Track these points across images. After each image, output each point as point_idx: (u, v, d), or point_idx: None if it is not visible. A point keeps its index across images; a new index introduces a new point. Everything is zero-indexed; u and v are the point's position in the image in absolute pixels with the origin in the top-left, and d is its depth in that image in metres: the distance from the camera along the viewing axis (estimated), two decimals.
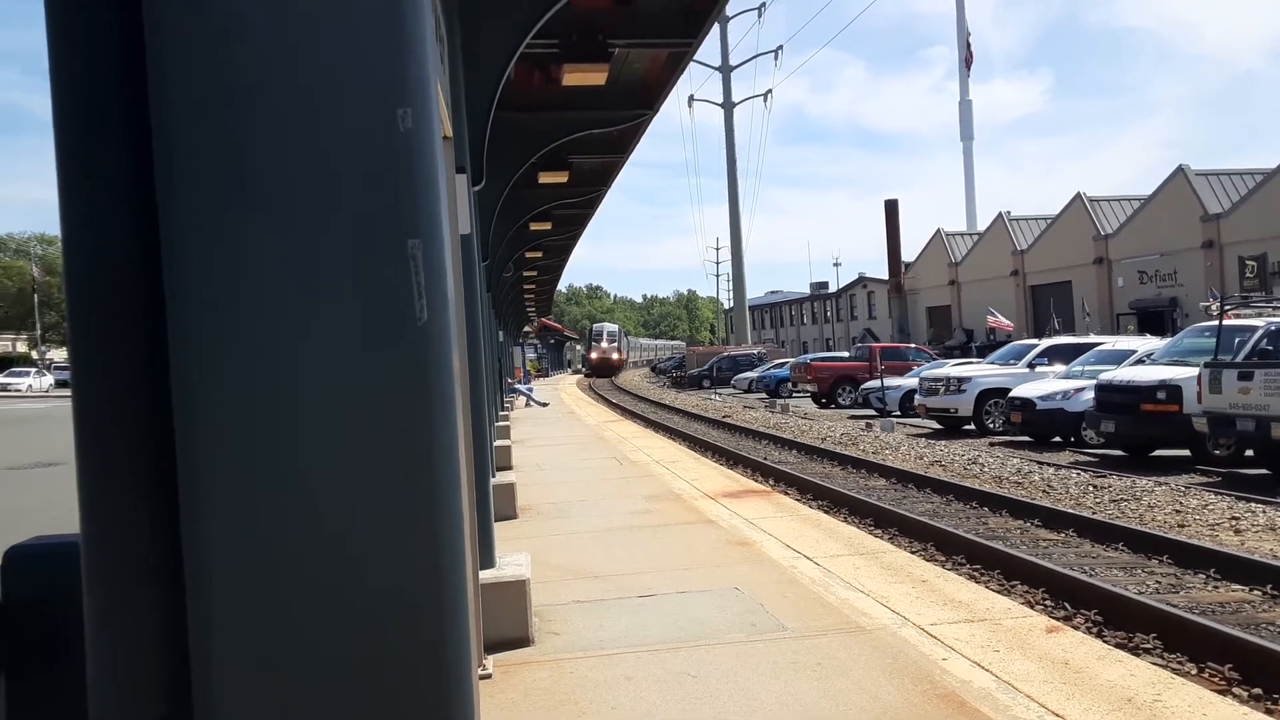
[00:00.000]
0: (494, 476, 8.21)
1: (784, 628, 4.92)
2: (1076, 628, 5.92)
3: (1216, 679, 5.30)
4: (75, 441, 0.87)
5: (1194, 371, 13.80)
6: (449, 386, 0.89)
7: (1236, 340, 13.75)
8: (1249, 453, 13.58)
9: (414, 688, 0.85)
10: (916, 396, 22.70)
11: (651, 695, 4.04)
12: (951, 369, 23.00)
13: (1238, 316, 14.68)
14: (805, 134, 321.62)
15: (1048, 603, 7.00)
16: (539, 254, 21.57)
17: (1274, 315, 14.60)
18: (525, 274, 25.66)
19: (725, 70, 65.45)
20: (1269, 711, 4.62)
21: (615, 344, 78.91)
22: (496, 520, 6.33)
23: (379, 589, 0.83)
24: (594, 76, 7.67)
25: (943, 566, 7.54)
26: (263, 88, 0.79)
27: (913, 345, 38.81)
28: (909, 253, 60.71)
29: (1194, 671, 5.42)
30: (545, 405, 30.74)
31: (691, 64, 9.50)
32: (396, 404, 0.83)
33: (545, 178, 11.84)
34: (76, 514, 0.90)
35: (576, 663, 4.52)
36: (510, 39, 5.71)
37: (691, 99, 70.94)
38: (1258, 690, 5.09)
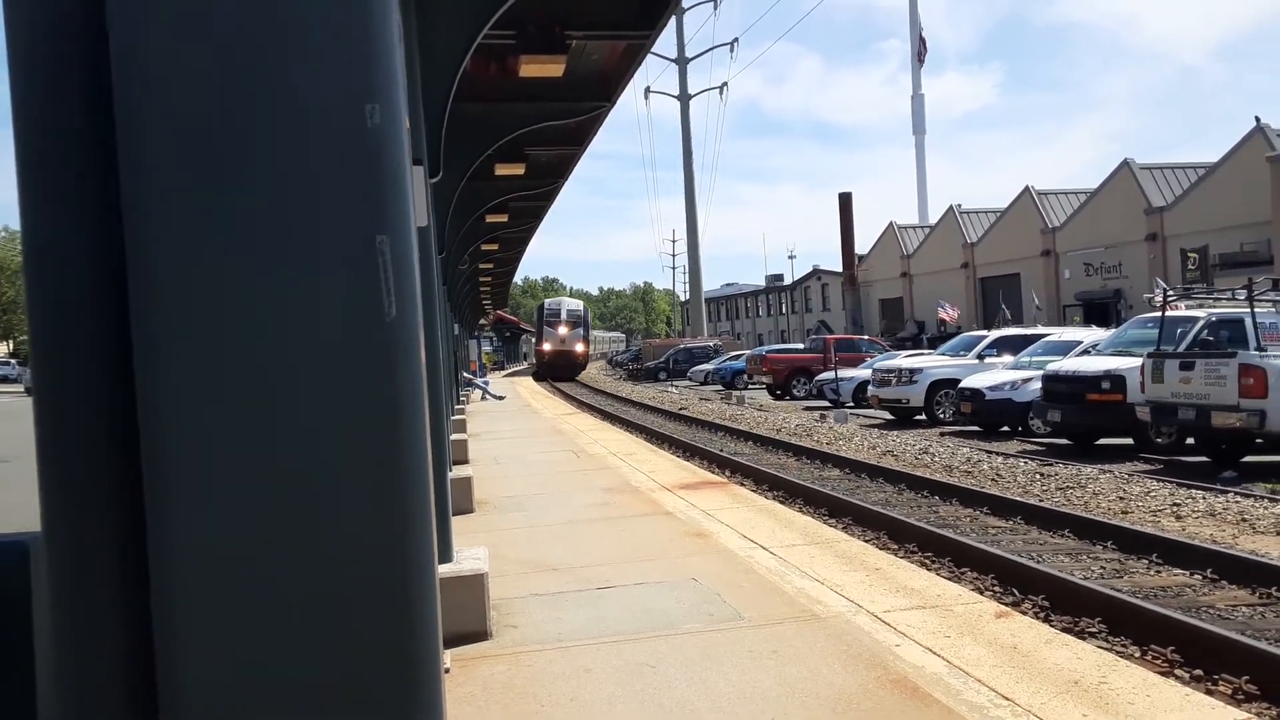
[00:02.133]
0: (451, 470, 8.17)
1: (741, 617, 4.97)
2: (1025, 613, 6.05)
3: (1159, 661, 5.45)
4: (36, 438, 0.86)
5: (1137, 362, 14.15)
6: (417, 382, 0.90)
7: (1178, 331, 14.11)
8: (1190, 441, 13.96)
9: (384, 679, 0.86)
10: (869, 388, 22.99)
11: (610, 686, 4.06)
12: (903, 360, 23.31)
13: (1180, 308, 15.06)
14: (761, 127, 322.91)
15: (997, 589, 7.14)
16: (495, 246, 21.48)
17: (1215, 306, 15.00)
18: (481, 266, 25.54)
19: (681, 62, 65.41)
20: (1209, 691, 4.76)
21: (578, 329, 56.15)
22: (454, 514, 6.31)
23: (348, 582, 0.84)
24: (551, 68, 7.65)
25: (895, 554, 7.66)
26: (230, 83, 0.78)
27: (866, 337, 39.24)
28: (862, 245, 61.33)
29: (1138, 654, 5.56)
30: (501, 399, 30.59)
31: (648, 56, 9.51)
32: (365, 401, 0.84)
33: (502, 170, 11.79)
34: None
35: (535, 655, 4.52)
36: (467, 29, 5.67)
37: (648, 91, 70.19)
38: (1199, 671, 5.25)
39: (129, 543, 0.84)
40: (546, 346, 55.66)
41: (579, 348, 56.41)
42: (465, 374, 30.33)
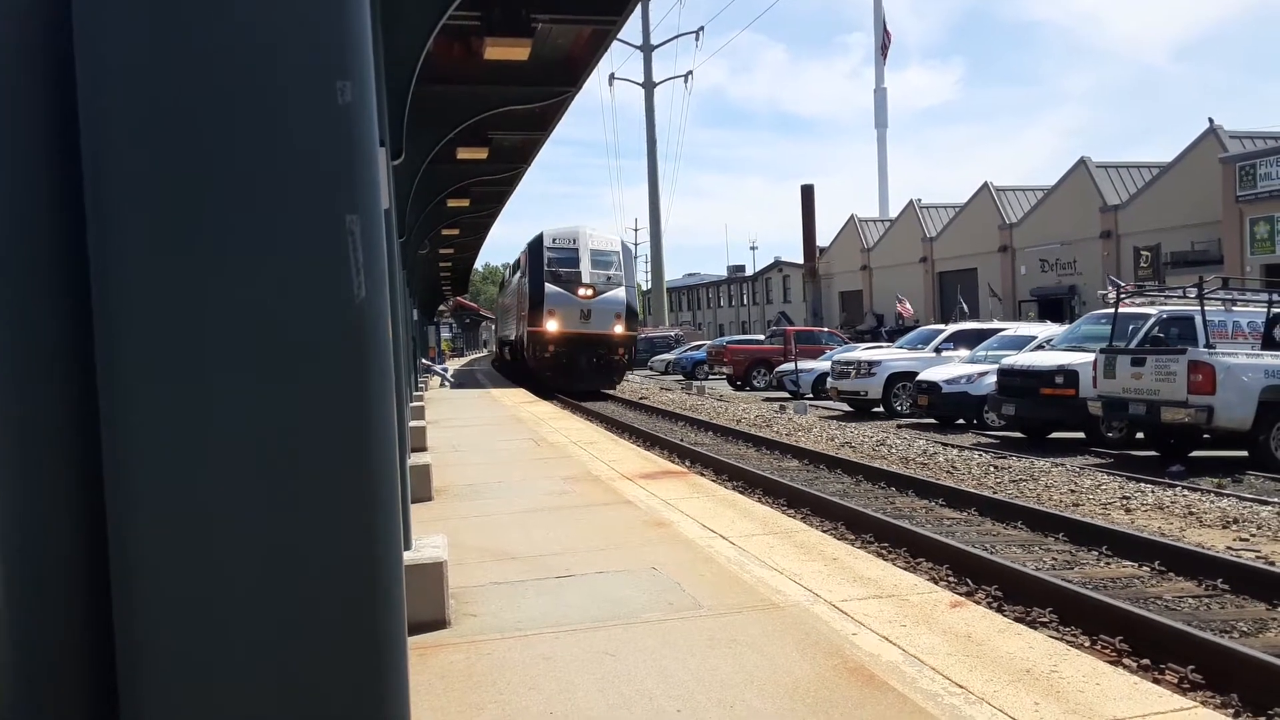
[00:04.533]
0: (409, 457, 8.09)
1: (700, 606, 4.99)
2: (978, 602, 6.14)
3: (1108, 650, 5.56)
4: None
5: (1090, 357, 14.41)
6: (385, 364, 0.88)
7: (1130, 328, 14.40)
8: (1140, 435, 14.26)
9: (350, 665, 0.84)
10: (828, 379, 23.19)
11: (570, 674, 4.05)
12: (862, 353, 23.54)
13: (1132, 305, 15.35)
14: (725, 117, 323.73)
15: (951, 579, 7.24)
16: (456, 231, 21.31)
17: (1166, 304, 15.31)
18: (441, 251, 25.32)
19: (646, 49, 65.20)
20: (1156, 680, 4.87)
21: (616, 290, 27.86)
22: (412, 502, 6.25)
23: (315, 568, 0.82)
24: (516, 51, 7.58)
25: (853, 544, 7.72)
26: (198, 52, 0.75)
27: (826, 329, 39.57)
28: (824, 238, 61.76)
29: (1087, 644, 5.67)
30: (461, 385, 30.40)
31: (614, 42, 9.47)
32: (333, 383, 0.82)
33: (464, 153, 11.68)
34: None
35: (494, 644, 4.50)
36: (433, 9, 5.59)
37: (612, 78, 69.72)
38: (1146, 660, 5.37)
39: (90, 535, 0.81)
40: (550, 325, 26.67)
41: (617, 329, 27.12)
42: (424, 360, 30.10)
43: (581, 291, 27.21)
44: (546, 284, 27.26)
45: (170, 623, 0.79)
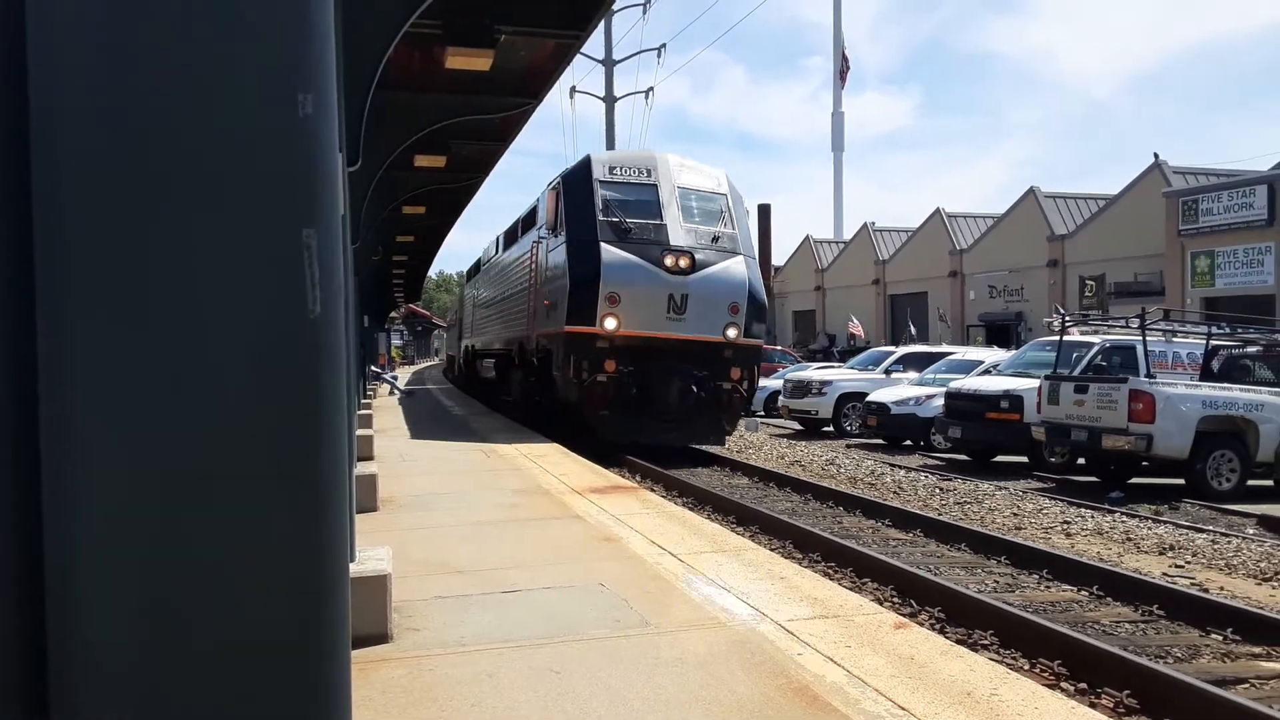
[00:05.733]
0: (355, 467, 7.98)
1: (647, 623, 4.97)
2: (922, 624, 6.21)
3: (1047, 674, 5.65)
4: None
5: (1035, 383, 14.72)
6: (338, 379, 0.86)
7: (1074, 355, 14.75)
8: (1081, 461, 14.57)
9: (294, 677, 0.82)
10: (780, 398, 23.37)
11: (514, 692, 4.01)
12: (814, 372, 23.78)
13: (1078, 333, 15.71)
14: (685, 134, 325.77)
15: (895, 600, 7.31)
16: (411, 238, 21.14)
17: (1109, 333, 15.69)
18: (395, 258, 25.08)
19: (609, 64, 65.09)
20: (1093, 704, 4.96)
21: (722, 262, 14.33)
22: (357, 513, 6.16)
23: (260, 580, 0.80)
24: (478, 61, 7.56)
25: (800, 564, 7.77)
26: (158, 64, 0.73)
27: (779, 348, 39.87)
28: (779, 257, 62.26)
29: (1027, 667, 5.76)
30: (411, 394, 30.09)
31: (576, 55, 9.48)
32: (285, 396, 0.80)
33: (422, 161, 11.60)
34: None
35: (437, 659, 4.44)
36: (395, 17, 5.55)
37: (573, 90, 69.72)
38: (1083, 685, 5.46)
39: (24, 539, 0.78)
40: (610, 322, 14.18)
41: (731, 332, 14.50)
42: (374, 368, 29.78)
43: (669, 260, 14.41)
44: (604, 244, 14.41)
45: (109, 627, 0.77)
